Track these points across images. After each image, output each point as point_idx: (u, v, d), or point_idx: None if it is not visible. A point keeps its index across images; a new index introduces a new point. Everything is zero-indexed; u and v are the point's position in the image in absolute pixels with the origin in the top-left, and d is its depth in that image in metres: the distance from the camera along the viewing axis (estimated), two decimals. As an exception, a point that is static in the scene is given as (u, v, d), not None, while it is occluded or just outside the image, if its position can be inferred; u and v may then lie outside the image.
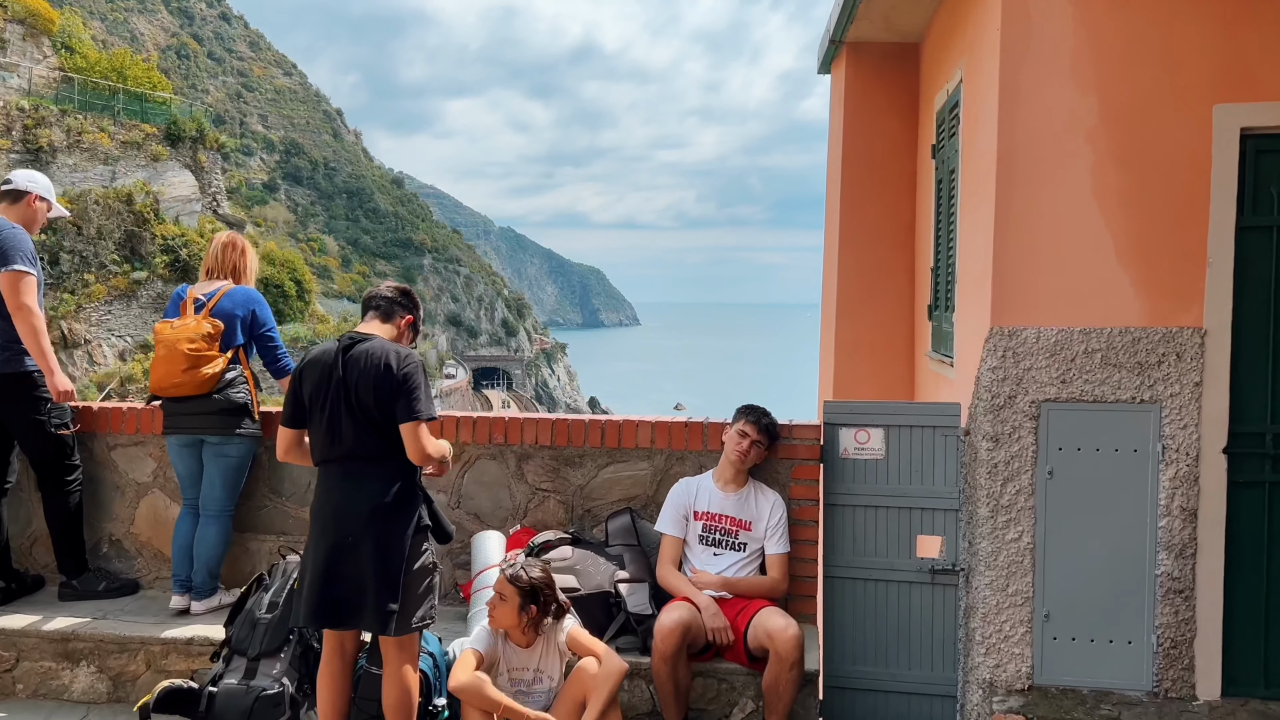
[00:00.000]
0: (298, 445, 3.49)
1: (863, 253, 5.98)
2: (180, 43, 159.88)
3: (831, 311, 6.02)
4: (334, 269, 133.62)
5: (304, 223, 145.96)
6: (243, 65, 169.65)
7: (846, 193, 5.99)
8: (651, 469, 4.40)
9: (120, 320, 38.15)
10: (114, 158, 39.91)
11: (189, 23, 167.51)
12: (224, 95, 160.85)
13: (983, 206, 4.05)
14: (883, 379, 5.81)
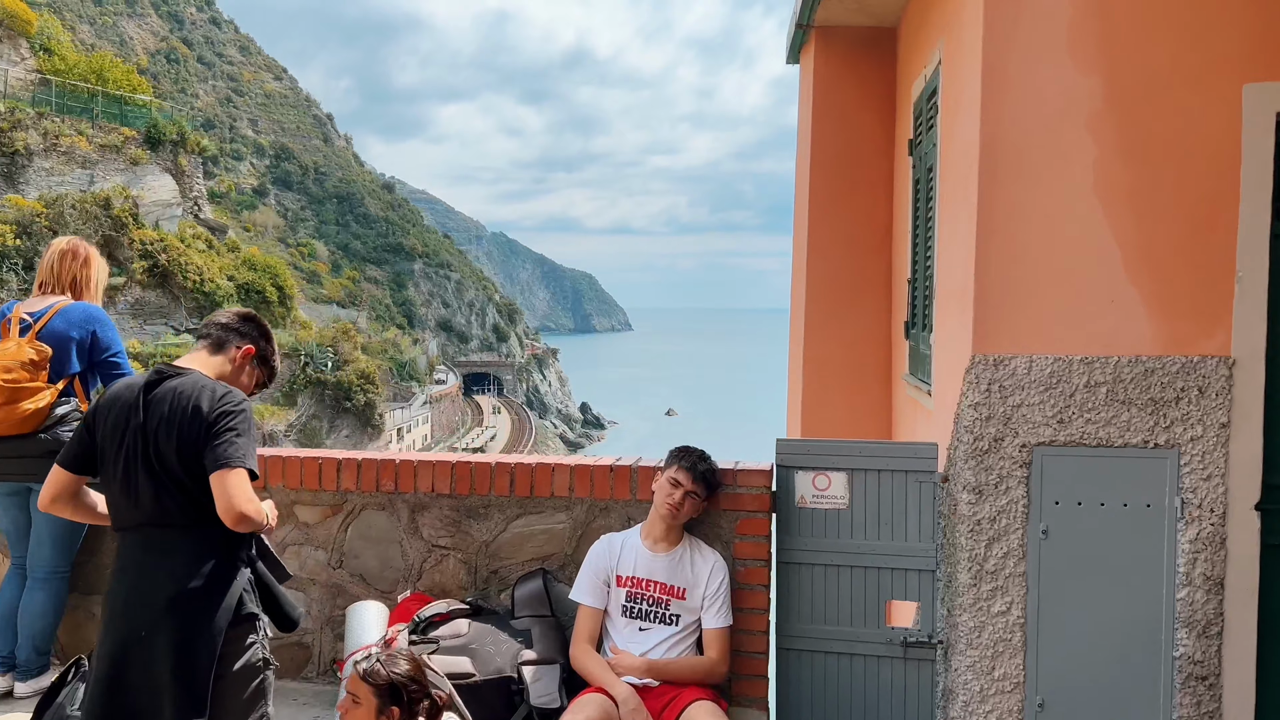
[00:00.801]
0: (71, 495, 2.72)
1: (835, 261, 5.30)
2: (170, 47, 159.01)
3: (800, 326, 5.33)
4: (324, 274, 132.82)
5: (294, 228, 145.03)
6: (233, 70, 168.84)
7: (816, 194, 5.30)
8: (570, 522, 3.64)
9: (97, 327, 37.32)
10: (92, 161, 39.16)
11: (179, 27, 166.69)
12: (214, 100, 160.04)
13: (963, 209, 3.37)
14: (856, 404, 5.14)
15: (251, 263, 44.85)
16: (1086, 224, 3.14)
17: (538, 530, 3.59)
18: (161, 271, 39.42)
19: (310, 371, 41.69)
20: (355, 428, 43.27)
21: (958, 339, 3.36)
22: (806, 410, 5.09)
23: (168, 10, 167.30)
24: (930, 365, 3.94)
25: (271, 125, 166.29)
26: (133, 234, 38.80)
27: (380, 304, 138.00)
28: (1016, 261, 3.18)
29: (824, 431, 5.03)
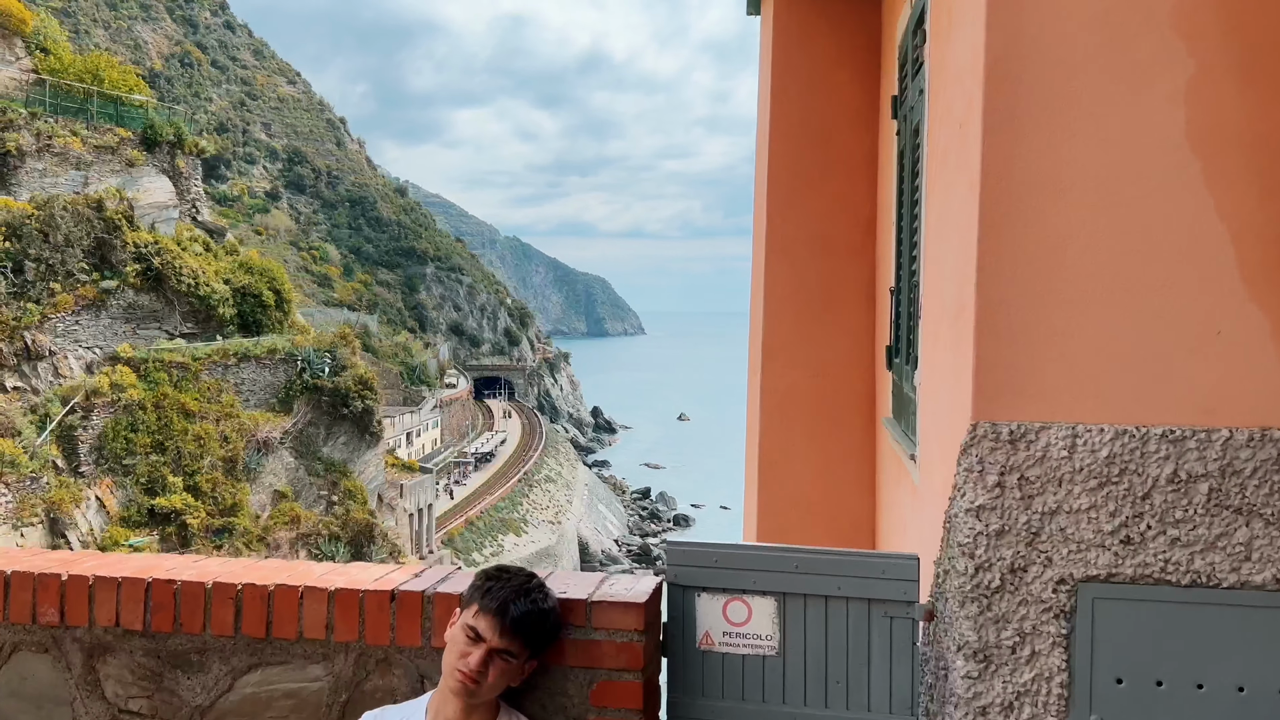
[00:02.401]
0: None
1: (802, 266, 3.98)
2: (184, 51, 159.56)
3: (757, 349, 3.99)
4: (335, 278, 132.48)
5: (306, 231, 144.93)
6: (246, 74, 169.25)
7: (777, 180, 3.98)
8: (331, 680, 2.21)
9: (89, 331, 36.44)
10: (86, 162, 38.30)
11: (193, 31, 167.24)
12: (227, 104, 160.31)
13: (959, 178, 2.07)
14: (830, 452, 3.85)
15: (249, 266, 43.89)
16: (1171, 197, 1.81)
17: (279, 691, 2.17)
18: (155, 275, 38.48)
19: (307, 377, 40.59)
20: (353, 435, 42.15)
21: (949, 390, 2.04)
22: (765, 460, 3.80)
23: (182, 15, 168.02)
24: (916, 406, 2.63)
25: (284, 129, 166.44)
26: (126, 236, 37.89)
27: (392, 308, 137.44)
28: (1046, 263, 1.85)
29: (790, 492, 3.75)
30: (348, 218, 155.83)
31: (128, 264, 37.57)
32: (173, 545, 33.72)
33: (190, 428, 35.77)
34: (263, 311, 42.03)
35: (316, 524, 38.23)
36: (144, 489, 34.04)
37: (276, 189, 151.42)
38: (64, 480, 32.15)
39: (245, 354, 39.43)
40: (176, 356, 37.14)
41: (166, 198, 41.55)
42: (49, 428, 32.70)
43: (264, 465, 37.81)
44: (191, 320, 39.73)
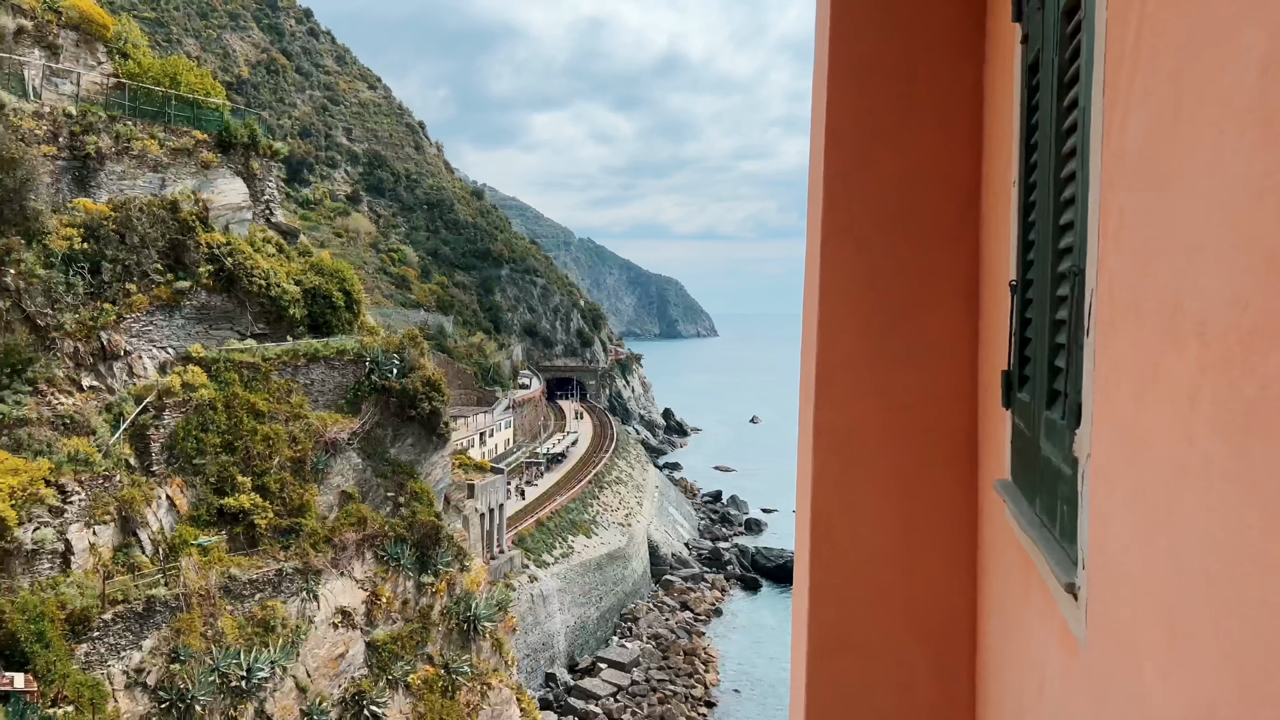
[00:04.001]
0: None
1: (871, 252, 2.81)
2: (270, 58, 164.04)
3: (810, 372, 2.87)
4: (413, 279, 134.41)
5: (385, 234, 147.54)
6: (329, 80, 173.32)
7: (839, 132, 2.80)
8: None
9: (162, 331, 36.88)
10: (163, 165, 38.85)
11: (279, 39, 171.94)
12: (310, 109, 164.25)
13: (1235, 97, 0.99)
14: (909, 520, 2.72)
15: (320, 267, 44.10)
16: None
17: None
18: (228, 276, 38.82)
19: (375, 378, 40.55)
20: (420, 436, 41.96)
21: (1195, 479, 0.95)
22: (820, 524, 2.68)
23: (268, 23, 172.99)
24: (1076, 492, 1.51)
25: (365, 134, 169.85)
26: (200, 238, 38.29)
27: (467, 309, 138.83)
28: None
29: (855, 570, 2.67)
30: (425, 220, 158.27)
31: (201, 265, 37.93)
32: (240, 545, 33.81)
33: (260, 428, 35.88)
34: (333, 313, 42.14)
35: (383, 526, 38.03)
36: (213, 488, 34.19)
37: (357, 192, 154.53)
38: (136, 479, 32.42)
39: (315, 355, 39.50)
40: (247, 357, 37.33)
41: (240, 199, 41.94)
42: (122, 427, 33.05)
43: (332, 466, 37.76)
44: (263, 321, 39.95)
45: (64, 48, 38.28)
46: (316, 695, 33.25)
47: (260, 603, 32.49)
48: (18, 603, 25.57)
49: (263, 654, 31.22)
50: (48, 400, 31.70)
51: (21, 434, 30.11)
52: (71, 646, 26.07)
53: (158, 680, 28.61)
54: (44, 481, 28.40)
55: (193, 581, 30.61)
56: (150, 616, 28.98)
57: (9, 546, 26.60)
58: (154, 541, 31.94)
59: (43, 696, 22.43)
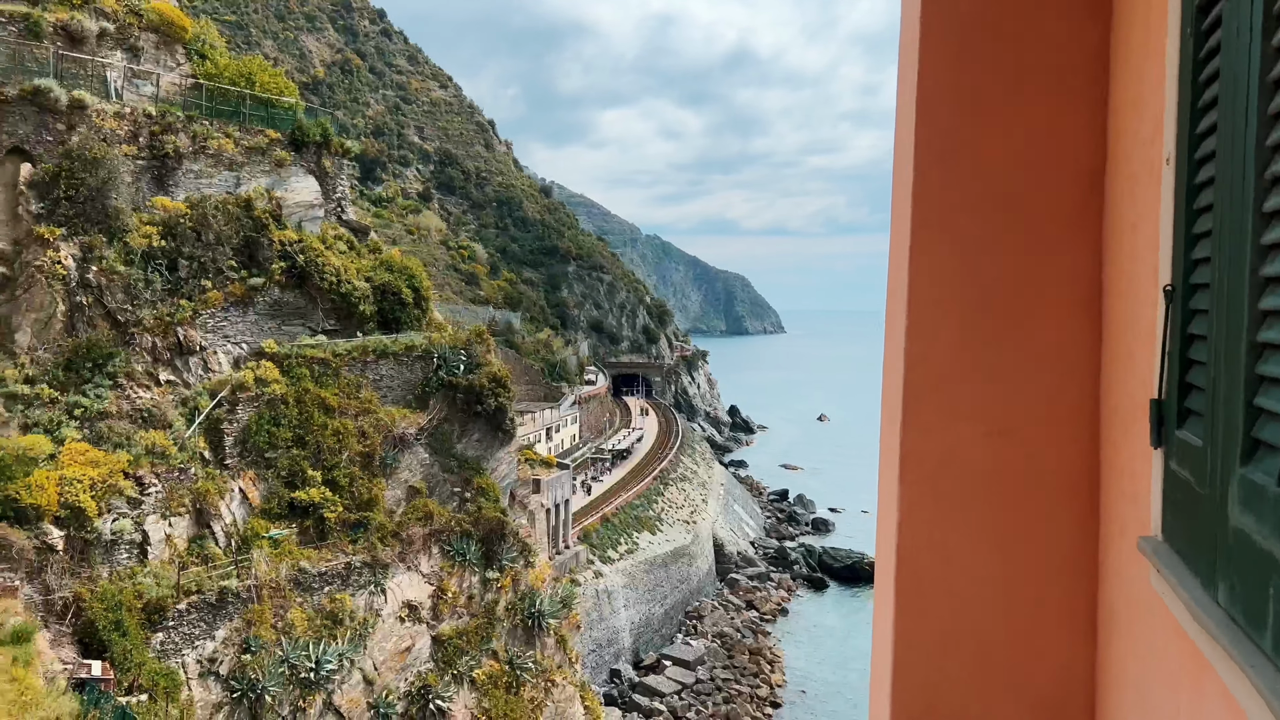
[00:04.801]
0: None
1: (971, 247, 2.32)
2: (344, 59, 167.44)
3: (895, 385, 2.42)
4: (482, 276, 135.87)
5: (455, 231, 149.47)
6: (402, 79, 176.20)
7: (931, 104, 2.30)
8: None
9: (236, 327, 37.61)
10: (238, 163, 39.60)
11: (353, 39, 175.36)
12: (383, 109, 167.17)
13: None
14: (1015, 570, 2.26)
15: (389, 264, 44.57)
16: None
17: None
18: (300, 272, 39.43)
19: (443, 374, 40.84)
20: (486, 433, 42.14)
21: None
22: (906, 569, 2.24)
23: (343, 24, 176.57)
24: (1266, 588, 1.07)
25: (436, 132, 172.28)
26: (273, 235, 38.95)
27: (535, 305, 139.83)
28: None
29: (947, 624, 2.24)
30: (494, 218, 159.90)
31: (274, 262, 38.58)
32: (310, 538, 34.30)
33: (330, 423, 36.34)
34: (401, 309, 42.54)
35: (449, 521, 38.26)
36: (284, 482, 34.73)
37: (428, 190, 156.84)
38: (210, 472, 33.08)
39: (384, 351, 39.91)
40: (318, 352, 37.85)
41: (313, 197, 42.54)
42: (197, 421, 33.75)
43: (399, 461, 38.10)
44: (333, 317, 40.50)
45: (144, 49, 39.22)
46: (383, 688, 33.57)
47: (329, 595, 32.89)
48: (97, 591, 26.24)
49: (331, 646, 31.60)
50: (127, 394, 32.53)
51: (102, 427, 30.94)
52: (147, 635, 26.67)
53: (230, 670, 29.14)
54: (122, 474, 29.12)
55: (264, 573, 31.11)
56: (223, 607, 29.53)
57: (89, 537, 27.32)
58: (227, 533, 32.55)
59: (119, 684, 22.94)
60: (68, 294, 32.18)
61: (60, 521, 26.51)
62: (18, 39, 33.80)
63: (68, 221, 32.79)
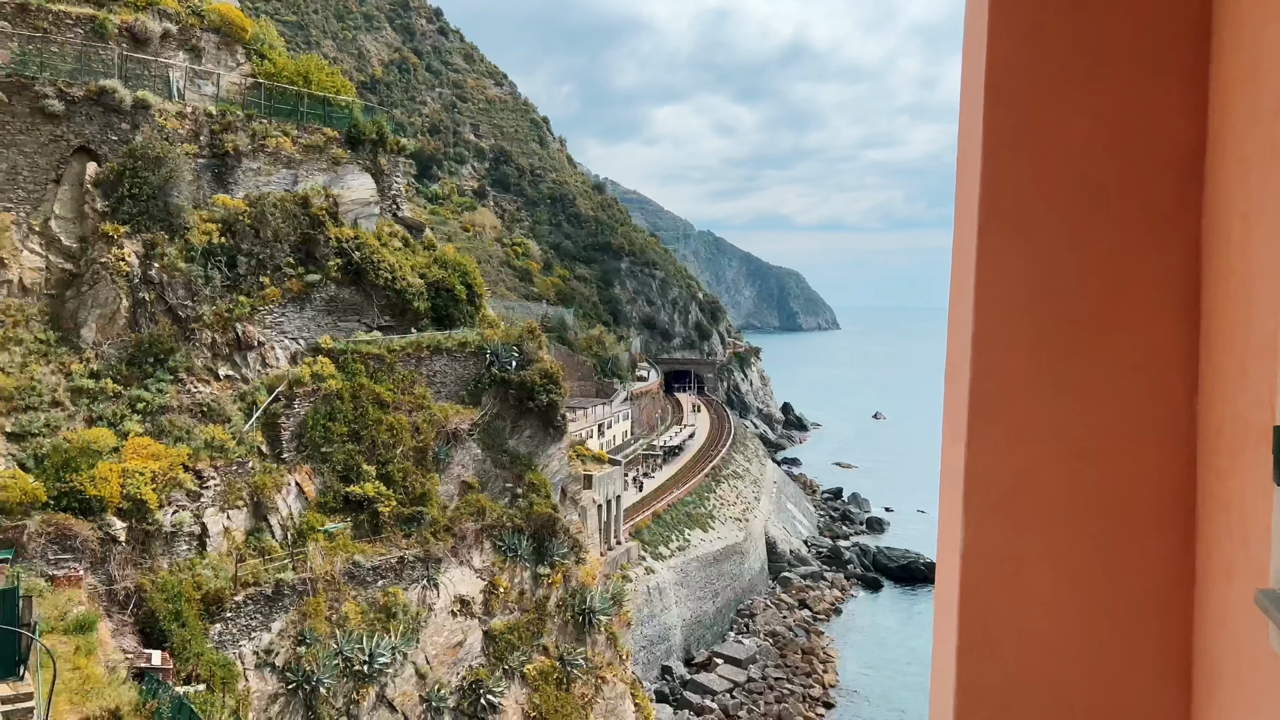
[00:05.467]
0: None
1: (1046, 244, 2.01)
2: (401, 58, 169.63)
3: (959, 399, 2.14)
4: (535, 272, 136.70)
5: (509, 228, 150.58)
6: (458, 77, 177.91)
7: (1001, 82, 1.96)
8: None
9: (294, 323, 38.13)
10: (296, 161, 40.15)
11: (410, 38, 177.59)
12: (440, 106, 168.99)
13: None
14: (1098, 607, 1.97)
15: (443, 261, 44.88)
16: None
17: None
18: (356, 269, 39.88)
19: (495, 370, 41.02)
20: (538, 429, 42.23)
21: None
22: (970, 604, 1.97)
23: (401, 23, 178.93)
24: None
25: (492, 130, 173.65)
26: (330, 232, 39.42)
27: (587, 301, 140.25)
28: None
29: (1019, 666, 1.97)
30: (548, 214, 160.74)
31: (330, 259, 39.04)
32: (365, 532, 34.64)
33: (384, 418, 36.67)
34: (455, 305, 42.78)
35: (501, 516, 38.41)
36: (340, 476, 35.11)
37: (483, 187, 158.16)
38: (268, 465, 33.57)
39: (437, 347, 40.19)
40: (373, 348, 38.23)
41: (369, 195, 42.97)
42: (255, 415, 34.28)
43: (452, 456, 38.33)
44: (388, 313, 40.88)
45: (206, 50, 39.94)
46: (435, 682, 33.80)
47: (382, 589, 33.19)
48: (157, 582, 26.77)
49: (384, 640, 31.89)
50: (187, 388, 33.16)
51: (163, 420, 31.58)
52: (206, 626, 27.14)
53: (285, 662, 29.56)
54: (183, 467, 29.68)
55: (319, 567, 31.49)
56: (279, 599, 29.95)
57: (150, 528, 27.89)
58: (283, 527, 33.01)
59: (177, 674, 23.35)
60: (131, 290, 32.88)
61: (123, 513, 27.09)
62: (85, 41, 34.62)
63: (131, 219, 33.50)
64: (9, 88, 31.69)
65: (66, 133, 33.08)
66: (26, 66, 32.58)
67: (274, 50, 44.37)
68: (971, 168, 2.12)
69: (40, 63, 33.00)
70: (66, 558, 25.02)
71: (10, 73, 31.99)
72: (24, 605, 16.77)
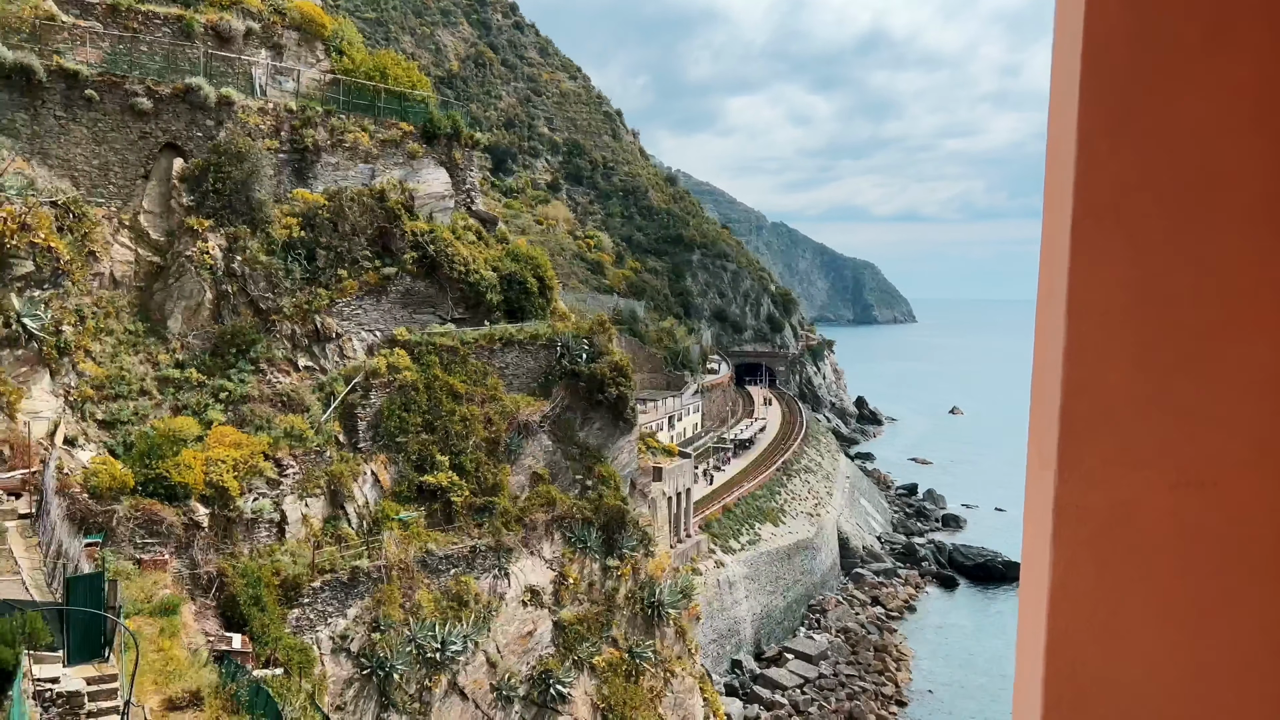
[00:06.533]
0: None
1: (1151, 242, 1.76)
2: (478, 52, 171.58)
3: (1048, 419, 1.84)
4: (607, 265, 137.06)
5: (582, 220, 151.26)
6: (532, 71, 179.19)
7: (1100, 60, 1.73)
8: None
9: (370, 315, 38.81)
10: (373, 156, 40.81)
11: (486, 33, 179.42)
12: (515, 100, 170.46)
13: None
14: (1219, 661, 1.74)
15: (516, 254, 45.19)
16: None
17: None
18: (430, 262, 40.38)
19: (566, 363, 41.19)
20: (608, 421, 42.28)
21: None
22: (1058, 653, 1.72)
23: (478, 18, 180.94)
24: None
25: (565, 123, 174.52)
26: (405, 226, 39.99)
27: (659, 294, 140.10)
28: None
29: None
30: (620, 207, 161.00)
31: (406, 252, 39.62)
32: (438, 521, 35.11)
33: (457, 409, 37.10)
34: (526, 298, 43.04)
35: (571, 507, 38.58)
36: (414, 465, 35.64)
37: (556, 180, 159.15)
38: (344, 455, 34.23)
39: (509, 339, 40.50)
40: (447, 340, 38.69)
41: (443, 189, 43.46)
42: (333, 405, 34.98)
43: (523, 448, 38.61)
44: (462, 306, 41.33)
45: (287, 47, 40.81)
46: (506, 671, 34.12)
47: (455, 577, 33.60)
48: (238, 567, 27.52)
49: (456, 628, 32.29)
50: (268, 379, 34.00)
51: (245, 410, 32.44)
52: (284, 611, 27.81)
53: (360, 648, 30.14)
54: (263, 455, 30.45)
55: (393, 555, 32.01)
56: (354, 586, 30.53)
57: (231, 515, 28.68)
58: (359, 515, 33.64)
59: (256, 658, 23.95)
60: (215, 282, 33.82)
61: (206, 500, 27.90)
62: (172, 40, 35.65)
63: (215, 213, 34.44)
64: (101, 86, 32.80)
65: (155, 129, 34.12)
66: (117, 65, 33.68)
67: (352, 46, 45.13)
68: (1064, 156, 1.86)
69: (130, 62, 34.08)
70: (153, 542, 25.86)
71: (102, 72, 33.11)
72: (110, 589, 17.31)
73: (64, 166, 32.13)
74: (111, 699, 15.34)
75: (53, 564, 19.35)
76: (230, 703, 17.53)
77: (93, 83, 32.50)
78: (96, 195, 32.83)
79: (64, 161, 32.14)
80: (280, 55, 40.76)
